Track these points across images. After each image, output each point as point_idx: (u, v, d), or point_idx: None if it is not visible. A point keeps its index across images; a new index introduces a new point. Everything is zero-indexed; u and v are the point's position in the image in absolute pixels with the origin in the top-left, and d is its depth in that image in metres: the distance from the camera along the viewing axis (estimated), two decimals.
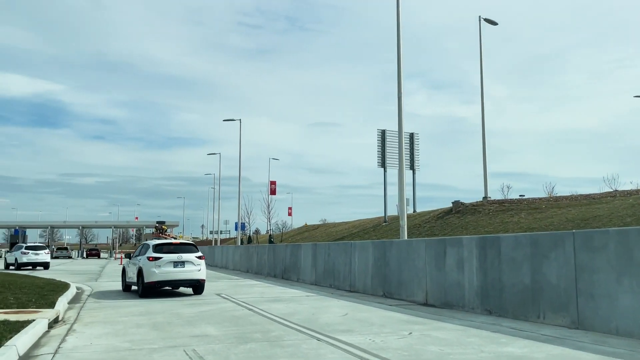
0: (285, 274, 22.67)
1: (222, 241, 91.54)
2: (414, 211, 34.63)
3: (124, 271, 17.42)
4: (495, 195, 28.31)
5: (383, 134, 32.81)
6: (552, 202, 23.40)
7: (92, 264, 46.11)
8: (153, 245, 15.47)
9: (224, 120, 40.16)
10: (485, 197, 26.27)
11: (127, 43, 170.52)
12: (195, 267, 15.20)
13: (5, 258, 34.69)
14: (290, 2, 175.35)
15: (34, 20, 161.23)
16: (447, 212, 27.19)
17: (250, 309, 11.83)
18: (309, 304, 12.91)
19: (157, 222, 66.46)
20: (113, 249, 69.96)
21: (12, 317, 9.36)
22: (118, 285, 19.05)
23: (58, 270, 32.47)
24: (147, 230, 69.94)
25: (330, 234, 41.74)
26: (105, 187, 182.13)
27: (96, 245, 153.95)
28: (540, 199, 25.78)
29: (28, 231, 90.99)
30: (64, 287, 16.38)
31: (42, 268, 31.98)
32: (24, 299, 12.30)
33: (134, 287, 16.24)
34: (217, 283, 20.81)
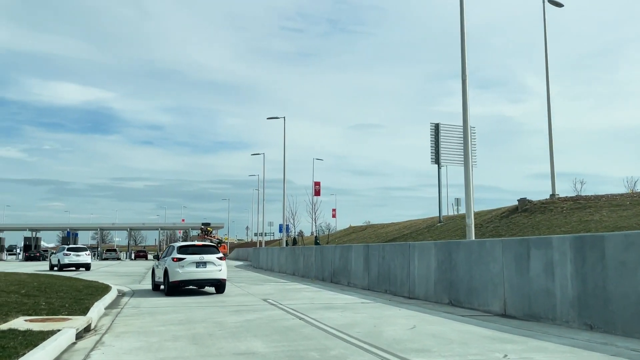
0: (334, 278, 21.24)
1: (267, 243, 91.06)
2: None
3: (153, 271, 18.26)
4: (545, 195, 25.88)
5: (436, 128, 30.77)
6: (636, 199, 20.91)
7: (139, 265, 46.15)
8: (177, 247, 16.40)
9: (268, 118, 39.20)
10: (553, 195, 24.01)
11: (173, 50, 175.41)
12: (216, 267, 15.90)
13: (50, 260, 36.00)
14: (331, 5, 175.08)
15: (86, 31, 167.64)
16: (512, 210, 25.01)
17: (301, 318, 10.43)
18: (366, 312, 11.40)
19: (203, 224, 66.50)
20: (160, 251, 70.67)
21: (37, 327, 8.31)
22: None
23: (104, 272, 32.26)
24: (193, 232, 70.23)
25: (380, 235, 40.00)
26: (154, 191, 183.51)
27: (144, 247, 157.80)
28: (621, 195, 23.28)
29: (80, 233, 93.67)
30: (104, 290, 15.51)
31: (84, 269, 32.76)
32: (57, 303, 11.35)
33: (162, 287, 16.83)
34: (263, 287, 19.58)
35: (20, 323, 8.86)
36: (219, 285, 16.41)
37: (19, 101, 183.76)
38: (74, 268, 32.72)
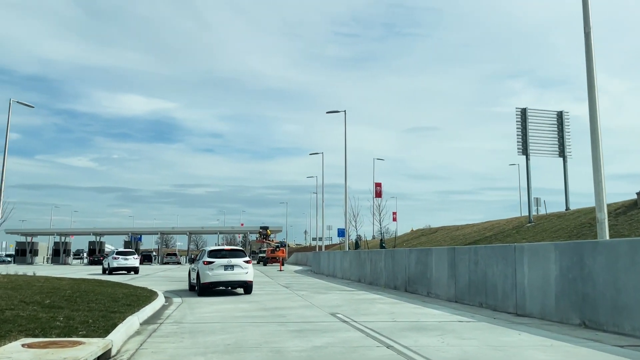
0: (409, 286, 18.24)
1: (326, 247, 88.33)
2: (567, 209, 28.28)
3: (189, 273, 19.49)
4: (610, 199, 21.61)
5: (523, 113, 26.94)
6: None
7: None
8: (208, 252, 17.70)
9: (327, 113, 36.47)
10: None
11: (231, 60, 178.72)
12: (243, 270, 17.04)
13: (102, 264, 36.99)
14: (386, 8, 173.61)
15: (149, 44, 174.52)
16: (629, 206, 21.05)
17: (389, 346, 7.62)
18: (475, 337, 8.42)
19: (261, 228, 64.90)
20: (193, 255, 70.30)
21: (30, 356, 5.99)
22: (213, 299, 15.94)
23: (159, 276, 30.84)
24: (252, 237, 68.97)
25: (455, 238, 36.38)
26: (214, 197, 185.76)
27: None
28: None
29: (144, 238, 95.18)
30: (146, 299, 13.35)
31: (133, 273, 33.29)
32: (79, 318, 9.13)
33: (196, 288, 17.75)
34: (328, 296, 16.91)
35: (14, 348, 6.61)
36: (246, 287, 17.54)
37: (90, 113, 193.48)
38: (125, 272, 33.15)
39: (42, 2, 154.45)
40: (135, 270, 33.32)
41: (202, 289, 17.02)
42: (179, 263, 68.80)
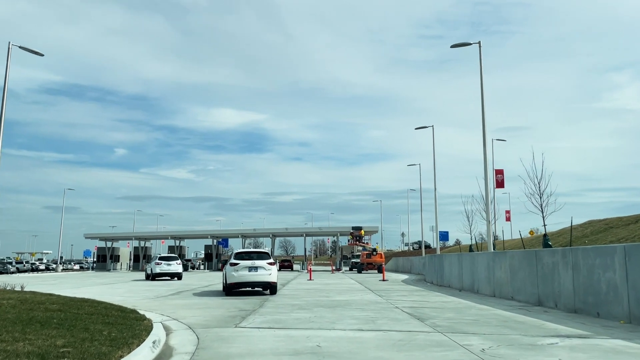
0: None
1: (432, 251, 77.11)
2: None
3: (223, 276, 19.86)
4: None
5: None
6: None
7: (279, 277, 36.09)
8: (234, 254, 19.08)
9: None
10: None
11: (316, 70, 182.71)
12: (266, 271, 17.85)
13: (145, 269, 36.12)
14: (472, 7, 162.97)
15: (238, 59, 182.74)
16: None
17: None
18: None
19: (353, 228, 55.12)
20: (306, 260, 60.85)
21: None
22: (278, 342, 6.15)
23: (203, 288, 22.09)
24: (342, 239, 59.37)
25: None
26: (301, 204, 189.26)
27: (293, 257, 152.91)
28: None
29: (231, 243, 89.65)
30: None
31: (176, 279, 32.19)
32: None
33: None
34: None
35: None
36: (270, 287, 18.22)
37: (187, 128, 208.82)
38: (168, 278, 32.43)
39: (143, 27, 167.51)
40: (179, 276, 32.14)
41: (228, 289, 18.08)
42: None
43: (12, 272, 60.40)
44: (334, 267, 52.98)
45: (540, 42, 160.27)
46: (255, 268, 17.72)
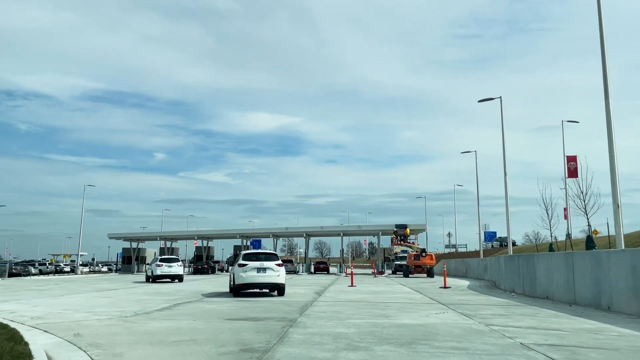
0: None
1: (469, 254, 69.56)
2: None
3: (230, 276, 19.60)
4: None
5: None
6: None
7: (312, 282, 30.13)
8: (242, 255, 18.32)
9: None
10: None
11: (350, 72, 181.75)
12: (275, 273, 17.53)
13: (146, 271, 34.94)
14: (507, 5, 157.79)
15: (272, 63, 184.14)
16: None
17: None
18: None
19: (397, 226, 48.64)
20: (343, 262, 54.65)
21: None
22: None
23: (245, 296, 16.36)
24: (384, 239, 52.90)
25: None
26: (334, 206, 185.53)
27: (329, 259, 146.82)
28: None
29: (264, 243, 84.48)
30: None
31: (177, 281, 31.48)
32: None
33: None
34: None
35: None
36: (278, 289, 17.87)
37: (223, 132, 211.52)
38: (169, 280, 31.68)
39: (180, 35, 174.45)
40: (180, 278, 31.51)
41: (236, 290, 17.67)
42: (294, 272, 54.97)
43: (34, 274, 57.32)
44: (375, 270, 46.53)
45: (581, 39, 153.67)
46: (264, 269, 17.38)
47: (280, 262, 18.02)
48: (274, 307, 14.00)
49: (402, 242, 47.27)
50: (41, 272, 63.53)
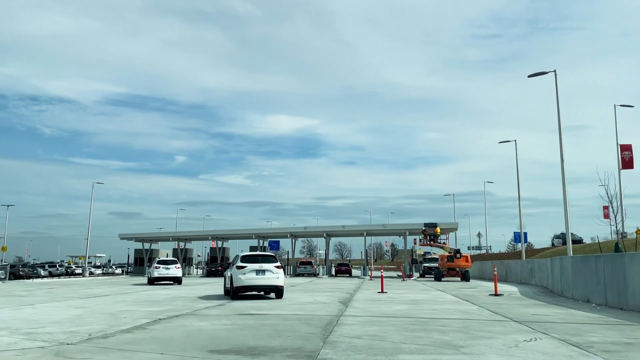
0: None
1: (500, 256, 65.04)
2: None
3: (224, 279, 19.83)
4: None
5: None
6: None
7: (334, 286, 26.25)
8: (241, 257, 17.85)
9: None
10: None
11: (369, 74, 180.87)
12: (274, 275, 17.18)
13: (147, 273, 34.52)
14: (529, 4, 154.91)
15: (292, 66, 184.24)
16: None
17: None
18: None
19: (426, 225, 44.35)
20: (367, 264, 50.62)
21: None
22: None
23: (245, 299, 12.58)
24: (411, 239, 48.63)
25: None
26: (354, 208, 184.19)
27: (349, 260, 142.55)
28: None
29: (283, 244, 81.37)
30: None
31: (176, 283, 30.67)
32: None
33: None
34: None
35: None
36: (277, 291, 17.49)
37: (243, 135, 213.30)
38: (169, 282, 31.04)
39: (200, 39, 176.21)
40: (178, 280, 30.66)
41: (235, 292, 17.22)
42: (314, 275, 51.18)
43: (44, 277, 54.74)
44: (403, 273, 42.32)
45: (604, 37, 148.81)
46: (263, 271, 17.11)
47: (279, 264, 17.62)
48: (286, 325, 10.16)
49: (431, 243, 43.01)
50: (51, 274, 60.99)
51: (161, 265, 30.71)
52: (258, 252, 19.00)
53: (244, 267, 17.02)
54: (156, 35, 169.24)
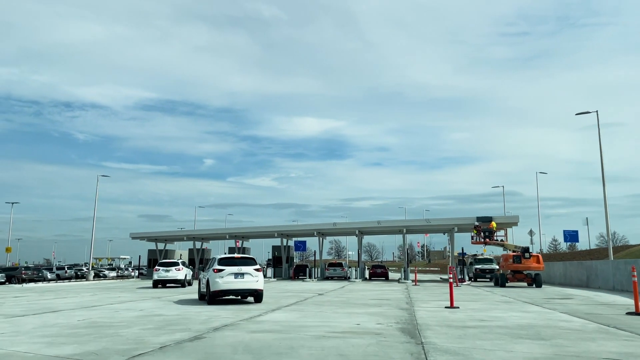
0: None
1: (585, 255, 57.13)
2: None
3: (199, 282, 18.77)
4: None
5: None
6: None
7: (375, 296, 19.33)
8: (218, 259, 16.96)
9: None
10: None
11: (395, 75, 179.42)
12: (253, 278, 16.36)
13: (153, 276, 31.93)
14: (557, 1, 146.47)
15: (317, 68, 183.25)
16: None
17: None
18: None
19: (478, 219, 36.90)
20: (408, 266, 43.39)
21: None
22: None
23: (256, 334, 6.20)
24: (458, 236, 41.27)
25: None
26: (378, 209, 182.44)
27: (381, 262, 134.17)
28: None
29: (309, 244, 75.36)
30: None
31: (180, 286, 30.03)
32: None
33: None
34: None
35: None
36: (256, 295, 16.70)
37: (270, 137, 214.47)
38: (176, 285, 30.31)
39: (227, 44, 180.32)
40: (180, 282, 29.77)
41: (212, 297, 16.38)
42: (345, 278, 44.25)
43: (50, 280, 49.60)
44: (456, 277, 34.47)
45: (636, 33, 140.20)
46: (242, 274, 16.25)
47: (258, 267, 16.76)
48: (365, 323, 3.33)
49: (487, 240, 35.61)
50: (59, 277, 56.00)
51: (161, 268, 30.01)
52: (236, 255, 17.50)
53: (222, 270, 16.10)
54: (185, 40, 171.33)
